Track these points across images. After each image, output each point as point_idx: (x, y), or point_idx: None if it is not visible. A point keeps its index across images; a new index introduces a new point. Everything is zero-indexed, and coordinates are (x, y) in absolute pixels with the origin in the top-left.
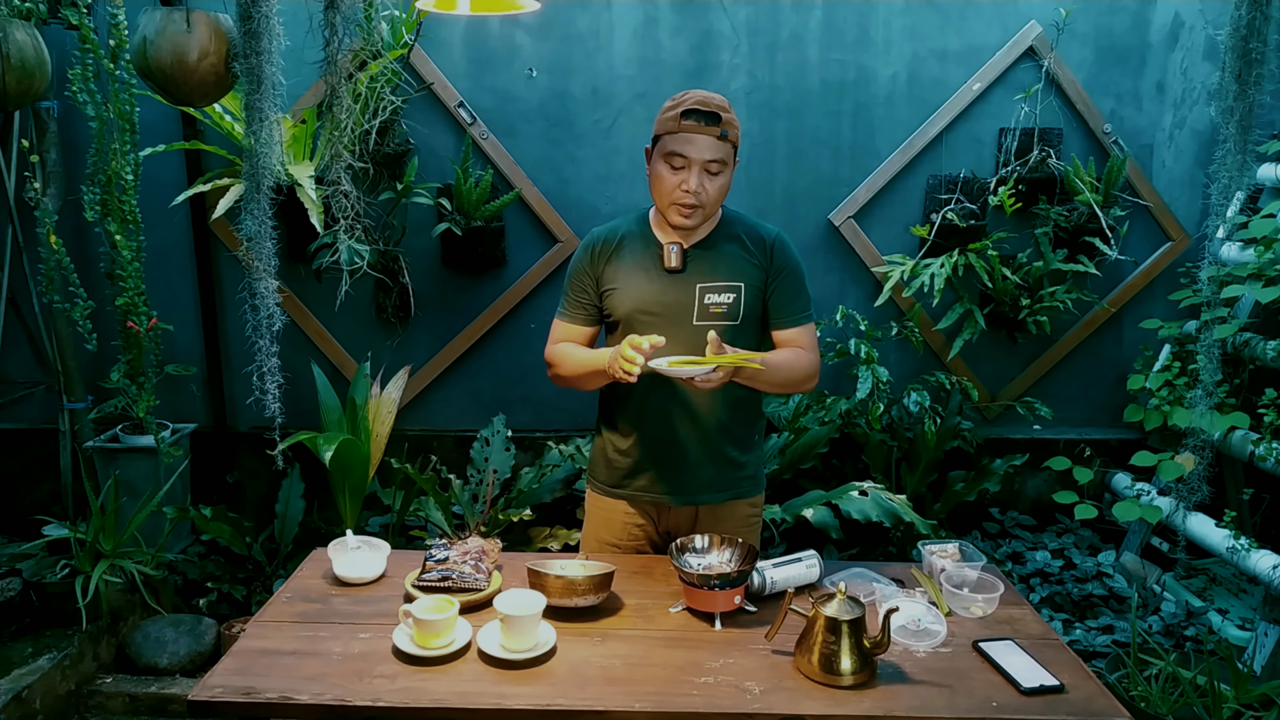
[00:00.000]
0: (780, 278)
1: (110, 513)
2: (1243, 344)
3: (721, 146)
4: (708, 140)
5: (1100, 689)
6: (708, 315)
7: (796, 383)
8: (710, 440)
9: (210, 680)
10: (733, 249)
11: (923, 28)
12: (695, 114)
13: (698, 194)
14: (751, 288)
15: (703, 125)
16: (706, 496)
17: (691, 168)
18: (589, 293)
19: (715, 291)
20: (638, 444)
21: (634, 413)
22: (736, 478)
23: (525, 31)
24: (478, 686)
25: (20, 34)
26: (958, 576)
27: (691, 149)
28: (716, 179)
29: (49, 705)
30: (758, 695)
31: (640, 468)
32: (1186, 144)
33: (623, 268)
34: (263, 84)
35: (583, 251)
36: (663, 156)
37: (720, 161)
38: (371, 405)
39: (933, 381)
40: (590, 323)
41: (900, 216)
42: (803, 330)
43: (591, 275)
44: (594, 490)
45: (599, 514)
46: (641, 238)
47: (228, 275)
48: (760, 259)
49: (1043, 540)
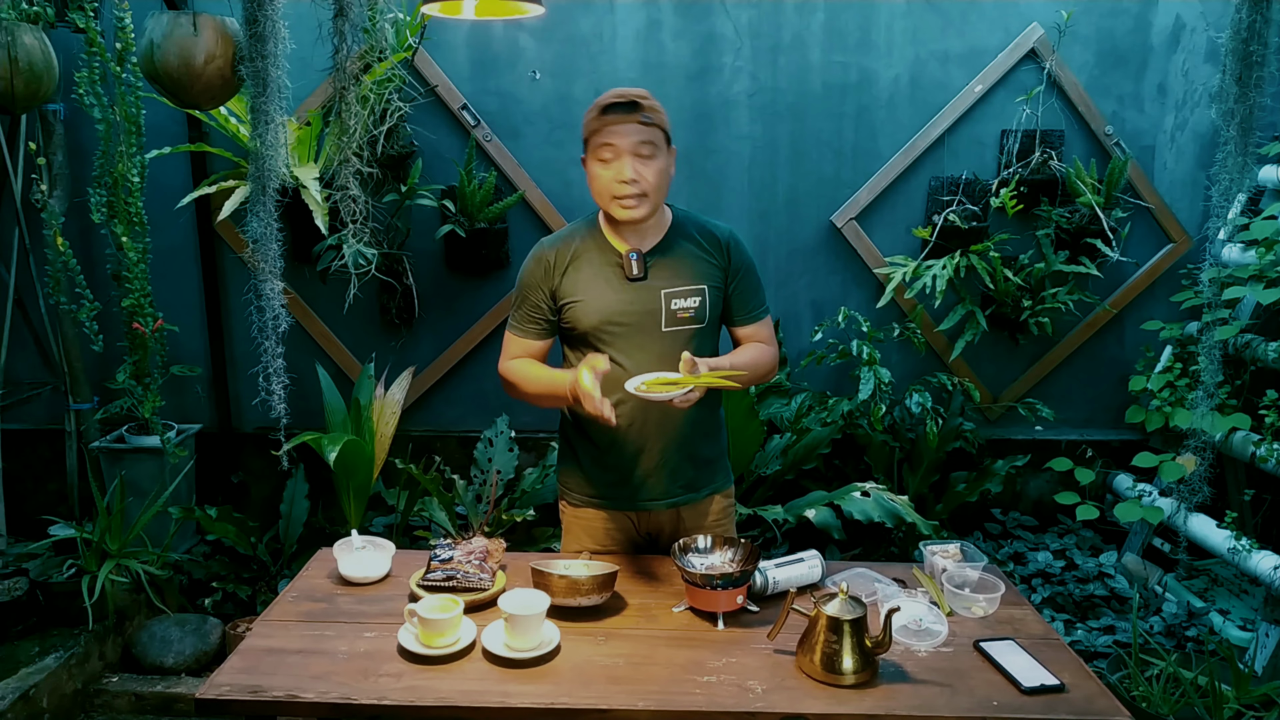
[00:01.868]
0: (739, 276)
1: (116, 513)
2: (1244, 345)
3: (647, 131)
4: (631, 127)
5: (1101, 689)
6: (676, 320)
7: (761, 378)
8: (684, 443)
9: (217, 679)
10: (690, 251)
11: (924, 30)
12: (614, 107)
13: (635, 181)
14: (714, 289)
15: (623, 114)
16: (686, 496)
17: (622, 157)
18: (543, 307)
19: (681, 296)
20: (614, 456)
21: (606, 426)
22: (711, 473)
23: (529, 34)
24: (482, 685)
25: (28, 37)
26: (959, 577)
27: (617, 138)
28: (650, 164)
29: (55, 704)
30: (760, 694)
31: (619, 479)
32: (1188, 146)
33: (582, 279)
34: (268, 87)
35: (534, 264)
36: (593, 155)
37: (650, 144)
38: (376, 406)
39: (935, 382)
40: (545, 336)
41: (902, 218)
42: (761, 325)
43: (545, 289)
44: (571, 504)
45: (579, 526)
46: (597, 247)
47: (233, 277)
48: (718, 259)
49: (1044, 541)
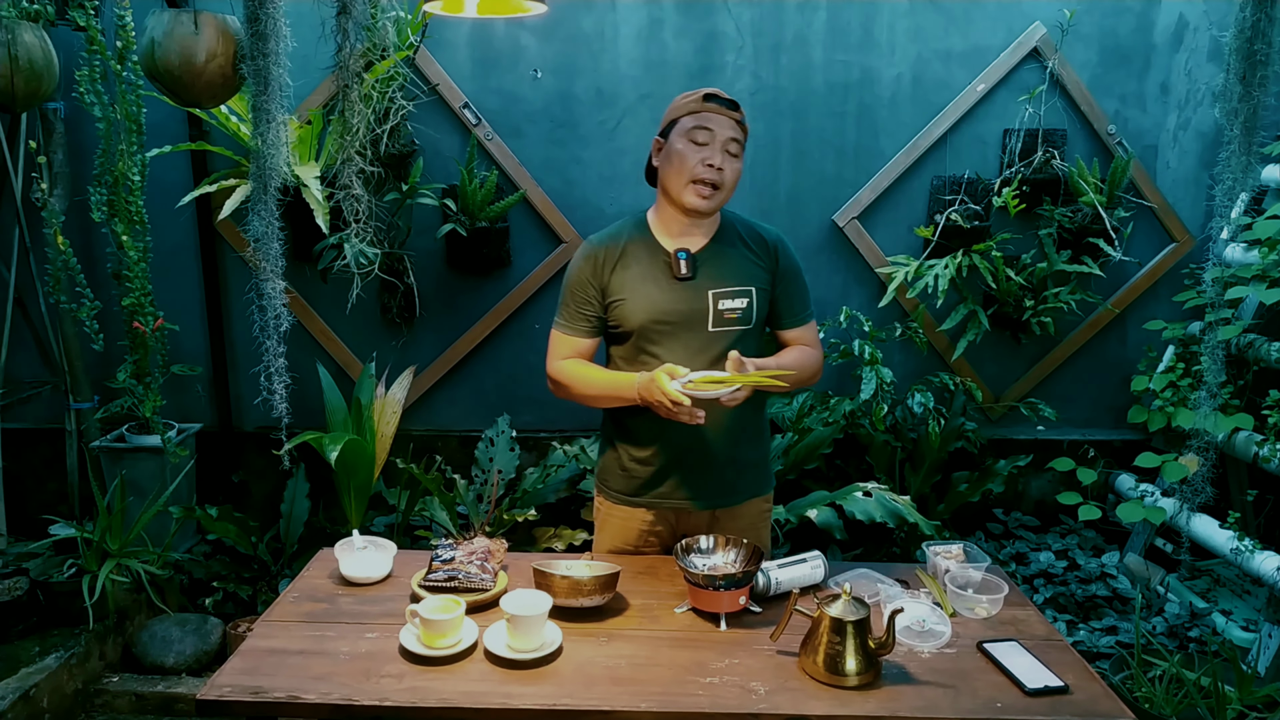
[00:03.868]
0: (786, 279)
1: (117, 512)
2: (1247, 345)
3: (739, 130)
4: (729, 121)
5: (1104, 690)
6: (722, 321)
7: (806, 381)
8: (727, 444)
9: (218, 679)
10: (739, 252)
11: (927, 29)
12: (716, 98)
13: (721, 170)
14: (761, 291)
15: (725, 108)
16: (726, 500)
17: (715, 143)
18: (593, 304)
19: (729, 297)
20: (658, 453)
21: (652, 422)
22: (751, 477)
23: (530, 33)
24: (484, 686)
25: (28, 36)
26: (962, 577)
27: (715, 125)
28: (734, 162)
29: (56, 704)
30: (763, 695)
31: (661, 476)
32: (1191, 145)
33: (629, 278)
34: (269, 85)
35: (583, 261)
36: (684, 135)
37: (738, 143)
38: (377, 405)
39: (937, 382)
40: (594, 334)
41: (904, 217)
42: (807, 329)
43: (595, 286)
44: (609, 500)
45: (615, 523)
46: (645, 245)
47: (234, 276)
48: (765, 261)
49: (1046, 541)
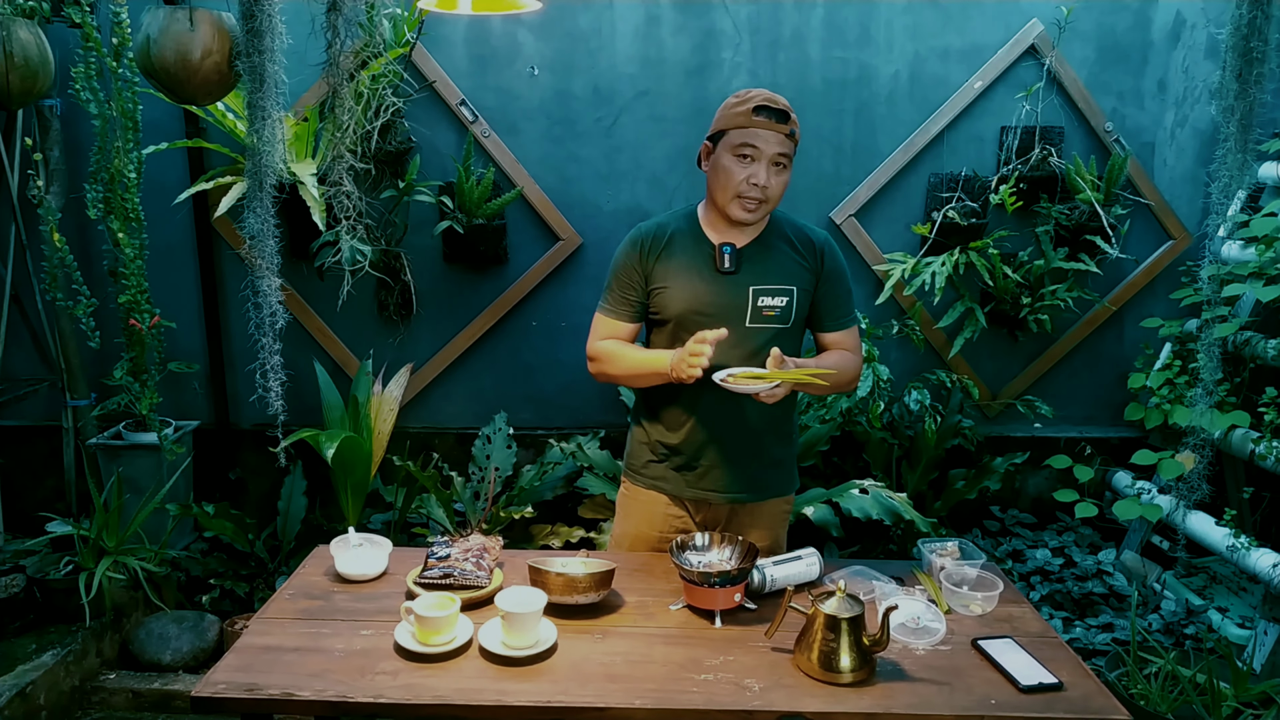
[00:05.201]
0: (829, 281)
1: (113, 509)
2: (1243, 343)
3: (788, 144)
4: (777, 136)
5: (1099, 687)
6: (760, 318)
7: (845, 385)
8: (756, 439)
9: (214, 676)
10: (783, 251)
11: (924, 26)
12: (766, 110)
13: (765, 188)
14: (803, 291)
15: (774, 122)
16: (748, 495)
17: (761, 160)
18: (637, 289)
19: (768, 294)
20: (687, 440)
21: (684, 408)
22: (776, 475)
23: (527, 30)
24: (479, 683)
25: (24, 32)
26: (957, 574)
27: (762, 142)
28: (781, 175)
29: (53, 701)
30: (757, 692)
31: (688, 464)
32: (1188, 142)
33: (673, 267)
34: (265, 82)
35: (631, 246)
36: (730, 150)
37: (786, 156)
38: (374, 403)
39: (933, 380)
40: (636, 319)
41: (901, 215)
42: (849, 333)
43: (640, 272)
44: (634, 483)
45: (639, 507)
46: (692, 236)
47: (230, 273)
48: (810, 262)
49: (1043, 538)
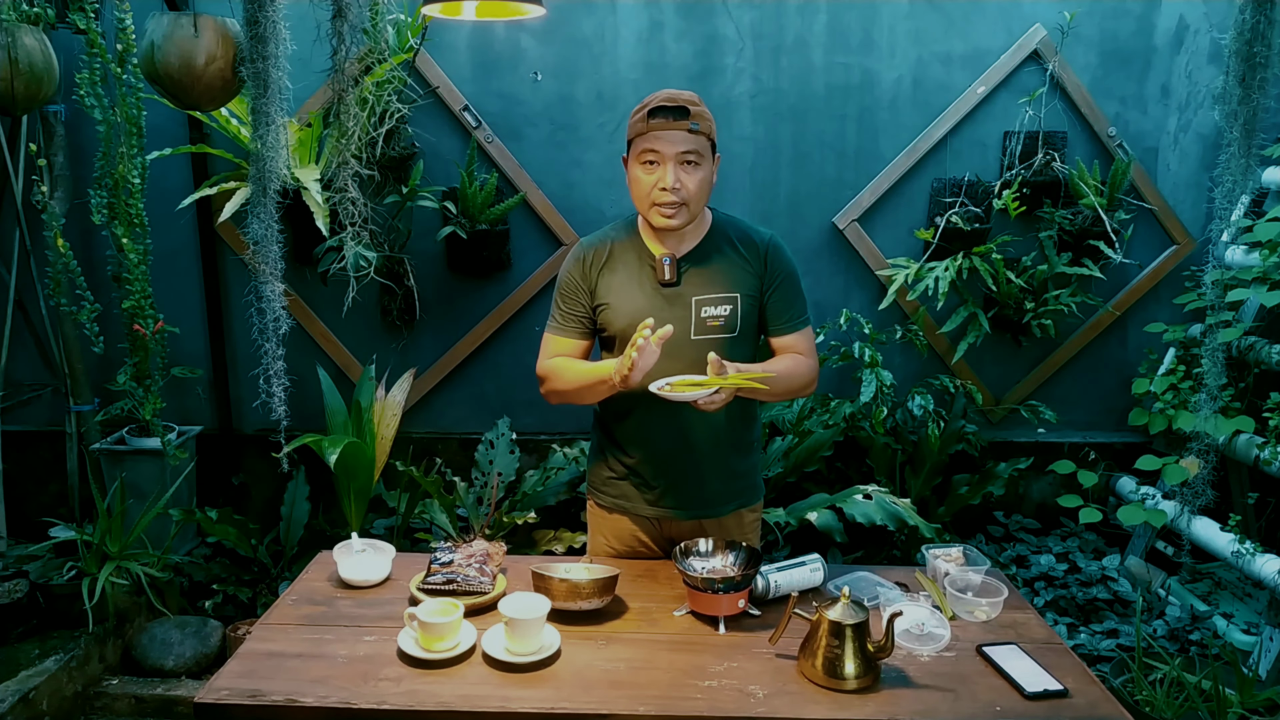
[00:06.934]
0: (777, 284)
1: (116, 515)
2: (1247, 348)
3: (694, 139)
4: (678, 134)
5: (1104, 694)
6: (705, 329)
7: (797, 390)
8: (714, 454)
9: (216, 683)
10: (726, 257)
11: (927, 31)
12: (662, 110)
13: (676, 189)
14: (748, 297)
15: (671, 120)
16: (711, 510)
17: (665, 164)
18: (583, 305)
19: (712, 304)
20: (643, 461)
21: (636, 430)
22: (739, 488)
23: (530, 35)
24: (482, 689)
25: (28, 39)
26: (962, 580)
27: (662, 144)
28: (695, 173)
29: (55, 707)
30: (761, 699)
31: (645, 485)
32: (1191, 147)
33: (615, 281)
34: (269, 88)
35: (574, 263)
36: (636, 159)
37: (695, 153)
38: (376, 408)
39: (937, 385)
40: (584, 336)
41: (904, 220)
42: (800, 336)
43: (585, 288)
44: (598, 503)
45: (605, 526)
46: (633, 249)
47: (234, 278)
48: (755, 266)
49: (1047, 544)
